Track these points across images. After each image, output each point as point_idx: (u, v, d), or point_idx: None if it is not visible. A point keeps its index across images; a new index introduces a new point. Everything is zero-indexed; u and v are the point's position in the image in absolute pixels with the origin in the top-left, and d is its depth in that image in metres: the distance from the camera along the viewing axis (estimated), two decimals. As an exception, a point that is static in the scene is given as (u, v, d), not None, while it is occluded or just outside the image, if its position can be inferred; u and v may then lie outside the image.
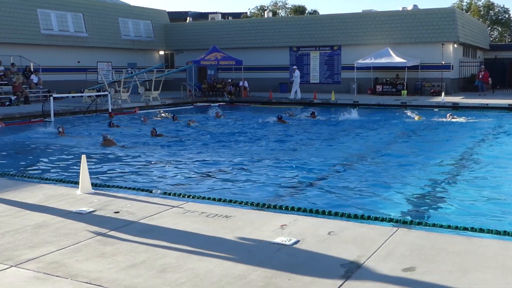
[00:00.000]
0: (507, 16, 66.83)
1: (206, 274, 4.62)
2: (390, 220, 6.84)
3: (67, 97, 28.40)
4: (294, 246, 5.32)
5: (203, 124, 21.48)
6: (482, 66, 35.60)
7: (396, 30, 34.52)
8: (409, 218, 7.72)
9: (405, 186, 10.22)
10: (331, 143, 16.42)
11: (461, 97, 31.17)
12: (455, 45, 34.24)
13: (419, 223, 6.83)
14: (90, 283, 4.46)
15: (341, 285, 4.36)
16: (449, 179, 11.03)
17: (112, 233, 5.83)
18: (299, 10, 69.80)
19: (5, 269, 4.81)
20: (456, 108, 27.14)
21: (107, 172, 11.80)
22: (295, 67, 34.12)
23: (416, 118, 22.60)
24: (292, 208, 7.43)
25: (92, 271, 4.72)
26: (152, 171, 11.99)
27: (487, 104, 27.08)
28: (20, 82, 28.09)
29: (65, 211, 6.67)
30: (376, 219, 6.81)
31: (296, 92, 32.13)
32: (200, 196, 8.15)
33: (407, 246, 5.27)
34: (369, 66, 34.08)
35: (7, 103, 26.24)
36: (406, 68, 33.11)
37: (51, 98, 22.92)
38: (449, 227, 6.41)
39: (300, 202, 8.81)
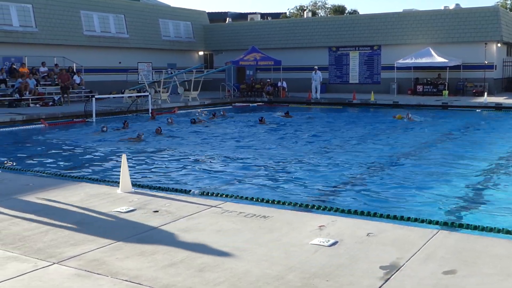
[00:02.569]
0: (553, 14, 64.91)
1: (244, 274, 4.63)
2: (430, 222, 6.73)
3: (108, 97, 28.83)
4: (332, 247, 5.28)
5: (238, 124, 21.55)
6: (527, 66, 34.79)
7: (437, 29, 33.98)
8: (449, 220, 7.60)
9: (445, 187, 10.06)
10: (368, 143, 16.26)
11: (505, 97, 30.48)
12: (499, 45, 33.52)
13: (459, 225, 6.71)
14: (130, 281, 4.52)
15: (380, 287, 4.31)
16: (490, 180, 10.82)
17: (151, 232, 5.89)
18: (339, 10, 69.38)
19: (48, 266, 4.92)
20: (499, 108, 26.59)
21: (147, 171, 11.95)
22: (316, 67, 33.97)
23: (397, 117, 22.96)
24: (330, 209, 7.38)
25: (132, 269, 4.78)
26: (190, 171, 12.08)
27: (532, 105, 26.42)
28: (66, 73, 28.51)
29: (106, 210, 6.77)
30: (415, 220, 6.72)
31: (316, 91, 32.64)
32: (238, 196, 8.18)
33: (448, 249, 5.18)
34: (409, 66, 33.59)
35: (51, 103, 26.83)
36: (448, 68, 32.53)
37: (93, 98, 23.33)
38: (491, 229, 6.27)
39: (339, 203, 8.76)
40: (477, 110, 26.57)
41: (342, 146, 15.82)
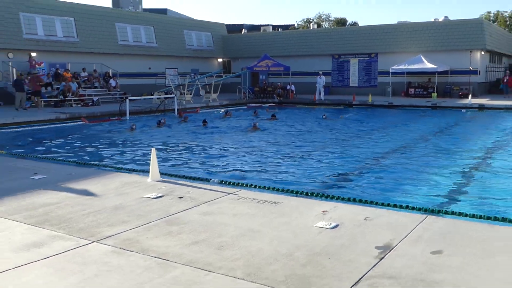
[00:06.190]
0: (531, 25, 64.25)
1: (257, 252, 4.66)
2: (420, 208, 6.71)
3: (140, 98, 28.95)
4: (334, 229, 5.30)
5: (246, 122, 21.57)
6: (507, 71, 34.46)
7: (428, 39, 33.73)
8: (436, 207, 7.57)
9: (434, 178, 10.02)
10: (366, 139, 16.21)
11: (487, 99, 30.20)
12: (482, 52, 33.17)
13: (446, 212, 6.68)
14: (159, 257, 4.57)
15: (375, 264, 4.33)
16: (473, 172, 10.75)
17: (177, 215, 5.93)
18: (341, 22, 69.05)
19: (88, 244, 4.98)
20: (482, 109, 26.37)
21: (173, 162, 12.00)
22: (320, 72, 33.90)
23: (323, 116, 23.22)
24: (333, 196, 7.37)
25: (160, 247, 4.83)
26: (212, 161, 12.10)
27: (511, 106, 26.15)
28: (37, 77, 25.12)
29: (138, 196, 6.82)
30: (407, 207, 6.69)
31: (320, 93, 32.53)
32: (252, 185, 8.19)
33: (435, 232, 5.17)
34: (403, 71, 33.41)
35: (90, 103, 27.01)
36: (437, 73, 32.30)
37: (127, 99, 23.45)
38: (473, 216, 6.25)
39: (340, 191, 8.75)
40: (463, 110, 26.37)
41: (342, 142, 15.78)
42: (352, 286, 3.93)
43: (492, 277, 4.07)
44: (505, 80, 33.32)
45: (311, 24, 60.01)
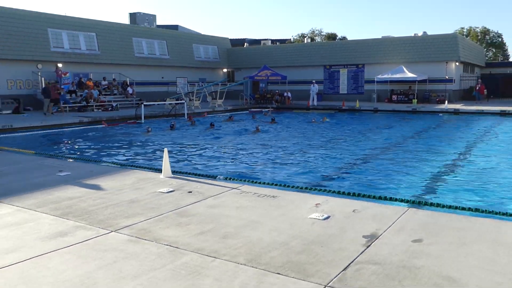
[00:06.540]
0: (500, 39, 64.33)
1: (258, 241, 4.63)
2: (402, 201, 6.68)
3: (154, 104, 28.95)
4: (326, 220, 5.27)
5: (247, 126, 21.52)
6: (479, 80, 34.44)
7: (409, 51, 33.69)
8: (417, 199, 7.53)
9: (415, 173, 9.98)
10: (355, 140, 16.17)
11: (461, 104, 30.17)
12: (457, 63, 33.14)
13: (425, 204, 6.65)
14: (170, 245, 4.55)
15: (363, 252, 4.30)
16: (450, 168, 10.71)
17: (186, 208, 5.90)
18: (332, 37, 68.96)
19: (107, 233, 4.96)
20: (456, 113, 26.33)
21: (183, 160, 11.97)
22: (314, 81, 33.90)
23: (313, 120, 23.19)
24: (325, 190, 7.35)
25: (171, 236, 4.80)
26: (217, 160, 12.07)
27: (482, 110, 26.15)
28: (55, 86, 24.62)
29: (151, 191, 6.80)
30: (391, 199, 6.67)
31: (313, 100, 32.45)
32: (253, 181, 8.16)
33: (416, 222, 5.14)
34: (386, 80, 33.36)
35: (110, 108, 26.97)
36: (417, 81, 32.27)
37: (142, 105, 23.42)
38: (450, 207, 6.22)
39: (331, 186, 8.72)
40: (440, 114, 26.33)
41: (333, 142, 15.74)
42: (342, 271, 3.91)
43: (467, 263, 4.04)
44: (477, 88, 33.32)
45: (305, 38, 60.11)
